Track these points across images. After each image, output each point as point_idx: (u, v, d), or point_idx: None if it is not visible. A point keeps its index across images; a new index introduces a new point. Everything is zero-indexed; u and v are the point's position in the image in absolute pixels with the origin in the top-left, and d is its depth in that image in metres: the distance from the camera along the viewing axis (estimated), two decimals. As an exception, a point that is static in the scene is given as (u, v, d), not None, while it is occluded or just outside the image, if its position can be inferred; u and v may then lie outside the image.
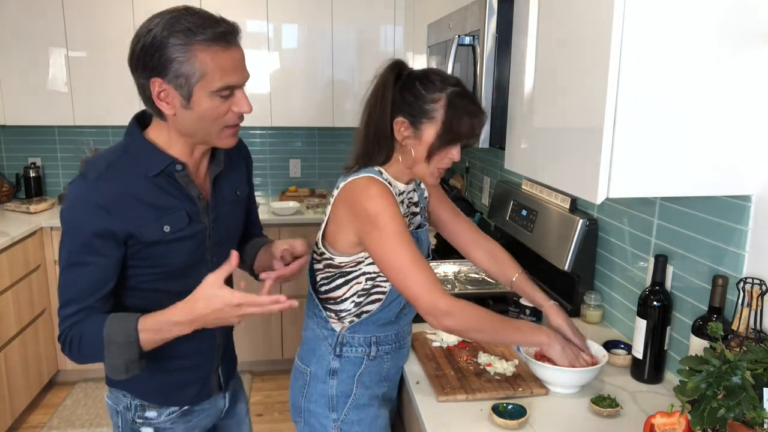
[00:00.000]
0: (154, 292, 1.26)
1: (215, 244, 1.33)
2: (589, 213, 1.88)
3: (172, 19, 1.12)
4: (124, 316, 1.19)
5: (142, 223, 1.18)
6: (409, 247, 1.28)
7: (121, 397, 1.36)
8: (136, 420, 1.36)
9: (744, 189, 1.20)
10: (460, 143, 1.34)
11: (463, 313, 1.28)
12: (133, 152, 1.21)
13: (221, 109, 1.17)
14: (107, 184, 1.16)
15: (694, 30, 1.09)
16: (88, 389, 3.36)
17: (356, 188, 1.32)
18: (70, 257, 1.17)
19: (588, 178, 1.16)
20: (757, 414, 0.94)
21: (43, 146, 3.75)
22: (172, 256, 1.24)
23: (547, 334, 1.38)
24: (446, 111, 1.30)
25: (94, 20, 3.28)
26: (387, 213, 1.27)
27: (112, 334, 1.15)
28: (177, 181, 1.23)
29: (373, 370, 1.46)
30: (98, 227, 1.14)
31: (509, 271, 1.60)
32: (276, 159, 3.96)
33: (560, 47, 1.29)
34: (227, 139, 1.23)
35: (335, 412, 1.44)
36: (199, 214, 1.27)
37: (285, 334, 3.50)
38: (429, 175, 1.37)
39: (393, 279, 1.30)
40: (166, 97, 1.15)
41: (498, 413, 1.28)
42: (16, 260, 2.92)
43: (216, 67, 1.12)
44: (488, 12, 1.58)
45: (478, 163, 3.06)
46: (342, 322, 1.43)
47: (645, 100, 1.10)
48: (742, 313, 1.15)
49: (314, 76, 3.54)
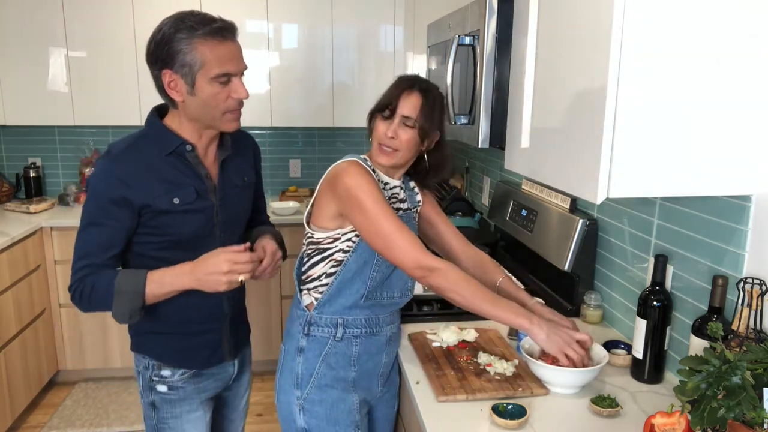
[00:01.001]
0: (164, 261, 1.41)
1: (224, 222, 1.50)
2: (589, 213, 1.88)
3: (178, 20, 1.34)
4: (134, 270, 1.39)
5: (156, 194, 1.38)
6: (390, 214, 1.38)
7: (142, 359, 1.55)
8: (153, 378, 1.54)
9: (744, 189, 1.20)
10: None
11: (450, 271, 1.37)
12: (151, 135, 1.43)
13: (221, 94, 1.36)
14: (126, 159, 1.38)
15: (694, 30, 1.09)
16: (88, 389, 3.36)
17: (337, 168, 1.45)
18: (89, 218, 1.38)
19: (588, 178, 1.16)
20: (757, 414, 0.94)
21: (43, 146, 3.75)
22: (180, 226, 1.43)
23: (529, 319, 1.35)
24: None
25: (94, 20, 3.28)
26: (365, 187, 1.39)
27: (123, 283, 1.35)
28: (187, 160, 1.43)
29: (340, 352, 1.50)
30: (115, 195, 1.35)
31: (494, 276, 1.62)
32: (276, 159, 3.96)
33: (560, 47, 1.29)
34: (229, 123, 1.42)
35: (299, 389, 1.51)
36: (207, 192, 1.46)
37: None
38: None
39: (378, 246, 1.40)
40: (175, 86, 1.36)
41: (498, 413, 1.28)
42: (16, 260, 2.91)
43: (213, 56, 1.33)
44: (488, 12, 1.58)
45: (478, 163, 3.06)
46: (310, 297, 1.51)
47: (645, 100, 1.10)
48: (742, 313, 1.15)
49: (314, 76, 3.53)
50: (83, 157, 3.73)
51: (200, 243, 1.45)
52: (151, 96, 3.44)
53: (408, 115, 1.43)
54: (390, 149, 1.46)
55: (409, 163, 1.53)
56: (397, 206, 1.54)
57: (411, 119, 1.44)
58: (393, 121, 1.45)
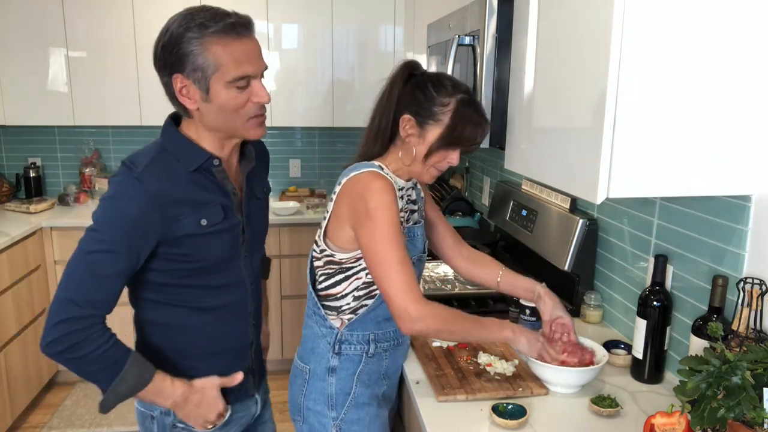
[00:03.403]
0: (189, 288, 1.28)
1: (249, 240, 1.36)
2: (589, 213, 1.88)
3: (187, 17, 1.17)
4: (144, 362, 1.22)
5: (181, 215, 1.20)
6: (399, 246, 1.29)
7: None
8: (177, 424, 1.34)
9: (744, 189, 1.20)
10: (460, 148, 1.37)
11: (432, 319, 1.28)
12: (171, 149, 1.25)
13: (239, 100, 1.20)
14: (153, 178, 1.19)
15: (694, 30, 1.09)
16: (88, 389, 3.36)
17: (359, 182, 1.33)
18: (104, 244, 1.15)
19: (588, 178, 1.16)
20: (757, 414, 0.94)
21: (43, 146, 3.75)
22: (208, 250, 1.26)
23: (512, 329, 1.39)
24: (453, 116, 1.33)
25: (94, 20, 3.28)
26: (385, 208, 1.29)
27: (130, 373, 1.19)
28: (214, 176, 1.27)
29: (373, 368, 1.46)
30: (142, 217, 1.16)
31: (493, 271, 1.61)
32: (276, 159, 3.96)
33: (560, 47, 1.29)
34: (254, 130, 1.27)
35: (334, 410, 1.44)
36: (233, 209, 1.30)
37: (285, 335, 3.50)
38: (425, 173, 1.40)
39: (374, 272, 1.32)
40: (187, 92, 1.19)
41: (498, 413, 1.28)
42: (16, 260, 2.91)
43: (229, 57, 1.16)
44: (488, 12, 1.58)
45: (478, 163, 3.06)
46: (341, 318, 1.43)
47: (645, 100, 1.10)
48: (742, 313, 1.15)
49: (314, 76, 3.54)
50: (83, 157, 3.73)
51: (225, 266, 1.31)
52: (151, 96, 3.42)
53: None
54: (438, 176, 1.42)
55: None
56: (410, 209, 1.48)
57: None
58: (459, 151, 1.39)
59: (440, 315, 1.30)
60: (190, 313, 1.31)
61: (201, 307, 1.31)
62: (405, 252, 1.31)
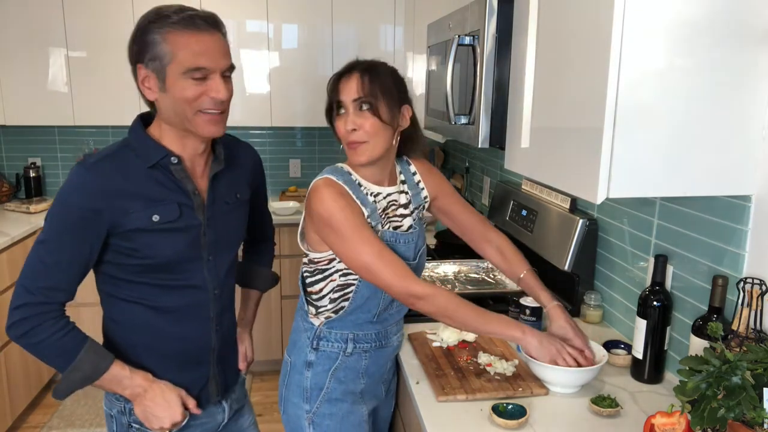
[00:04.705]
0: (144, 285, 1.29)
1: (212, 243, 1.33)
2: (589, 213, 1.88)
3: (155, 10, 1.20)
4: (101, 351, 1.25)
5: (131, 210, 1.21)
6: (370, 242, 1.30)
7: (115, 401, 1.35)
8: (132, 424, 1.34)
9: (744, 189, 1.20)
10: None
11: (437, 298, 1.32)
12: (133, 145, 1.27)
13: (192, 91, 1.19)
14: (103, 171, 1.21)
15: (694, 29, 1.09)
16: (88, 389, 3.32)
17: (311, 191, 1.37)
18: (51, 234, 1.20)
19: (588, 178, 1.16)
20: (757, 414, 0.94)
21: (43, 146, 3.75)
22: (161, 247, 1.25)
23: (521, 329, 1.36)
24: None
25: (94, 20, 3.28)
26: (339, 215, 1.30)
27: (84, 361, 1.22)
28: (172, 174, 1.26)
29: (350, 366, 1.48)
30: (87, 207, 1.18)
31: (517, 268, 1.59)
32: (276, 159, 3.96)
33: (560, 47, 1.29)
34: (206, 126, 1.23)
35: (308, 403, 1.47)
36: (193, 210, 1.29)
37: (285, 334, 3.50)
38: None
39: (362, 274, 1.34)
40: (147, 82, 1.21)
41: (498, 413, 1.28)
42: (16, 260, 2.91)
43: (185, 48, 1.17)
44: (488, 12, 1.58)
45: (478, 163, 3.06)
46: (319, 318, 1.46)
47: (645, 100, 1.10)
48: (742, 313, 1.15)
49: (314, 76, 3.53)
50: (79, 156, 3.73)
51: (186, 267, 1.30)
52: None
53: (355, 97, 1.32)
54: (357, 143, 1.34)
55: (389, 153, 1.41)
56: (400, 213, 1.46)
57: (359, 100, 1.32)
58: (347, 112, 1.34)
59: (444, 297, 1.33)
60: (144, 311, 1.30)
61: (156, 306, 1.31)
62: (378, 242, 1.32)
